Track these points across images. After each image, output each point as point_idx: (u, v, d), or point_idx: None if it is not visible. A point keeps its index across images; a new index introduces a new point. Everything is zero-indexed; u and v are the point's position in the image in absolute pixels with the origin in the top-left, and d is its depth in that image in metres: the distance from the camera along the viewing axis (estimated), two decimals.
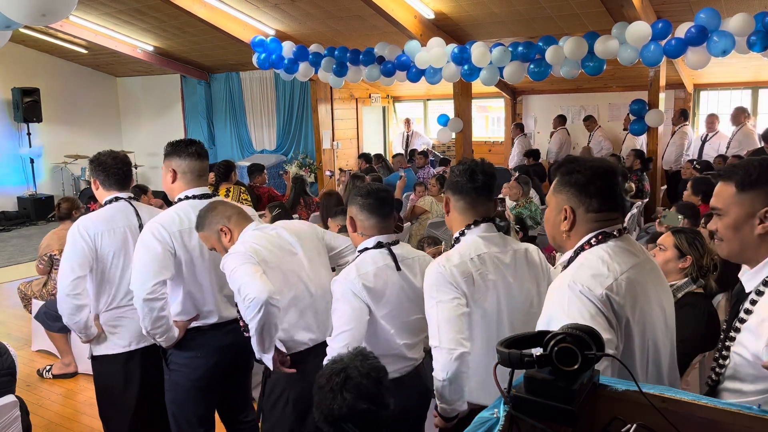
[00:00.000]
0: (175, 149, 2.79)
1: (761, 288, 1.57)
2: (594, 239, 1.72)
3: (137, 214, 2.98)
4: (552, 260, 4.76)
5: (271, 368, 2.47)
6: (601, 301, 1.58)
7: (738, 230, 1.60)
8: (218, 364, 2.80)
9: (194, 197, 2.77)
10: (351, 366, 1.82)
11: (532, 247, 2.28)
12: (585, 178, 1.73)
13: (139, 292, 2.56)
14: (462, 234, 2.16)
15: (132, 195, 3.09)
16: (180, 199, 2.78)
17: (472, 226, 2.15)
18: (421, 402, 2.47)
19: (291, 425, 2.51)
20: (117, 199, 3.01)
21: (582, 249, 1.73)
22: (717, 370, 1.65)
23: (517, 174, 7.45)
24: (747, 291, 1.62)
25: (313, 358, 2.49)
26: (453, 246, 2.17)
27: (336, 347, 2.20)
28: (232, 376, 2.93)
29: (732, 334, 1.60)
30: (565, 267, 1.76)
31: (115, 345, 2.99)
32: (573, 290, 1.61)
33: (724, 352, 1.63)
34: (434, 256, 3.01)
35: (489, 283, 2.08)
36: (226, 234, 2.52)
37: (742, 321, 1.58)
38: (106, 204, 3.01)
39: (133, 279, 2.61)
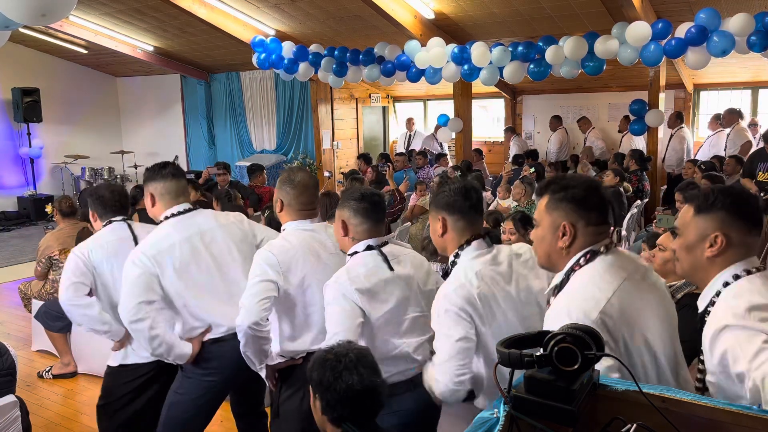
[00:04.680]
0: (151, 174, 2.82)
1: (709, 308, 1.62)
2: (582, 259, 1.74)
3: (131, 230, 3.05)
4: None
5: (266, 381, 2.59)
6: (597, 325, 1.61)
7: (690, 251, 1.66)
8: (230, 377, 2.79)
9: (174, 215, 2.78)
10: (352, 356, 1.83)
11: (524, 247, 2.28)
12: (582, 192, 1.75)
13: (124, 317, 2.61)
14: (457, 256, 2.15)
15: (125, 217, 3.13)
16: (161, 221, 2.79)
17: (465, 246, 2.14)
18: (431, 402, 2.47)
19: (304, 421, 2.48)
20: (110, 222, 3.08)
21: (572, 271, 1.75)
22: (699, 375, 1.68)
23: (532, 169, 7.46)
24: (699, 312, 1.66)
25: None
26: (451, 269, 2.16)
27: None
28: (246, 385, 2.92)
29: (701, 356, 1.64)
30: (555, 289, 1.78)
31: (138, 355, 2.99)
32: (570, 317, 1.62)
33: (700, 366, 1.67)
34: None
35: (496, 298, 2.08)
36: (278, 207, 2.62)
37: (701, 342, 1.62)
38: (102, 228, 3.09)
39: (119, 308, 2.65)
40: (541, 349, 1.27)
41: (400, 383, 2.33)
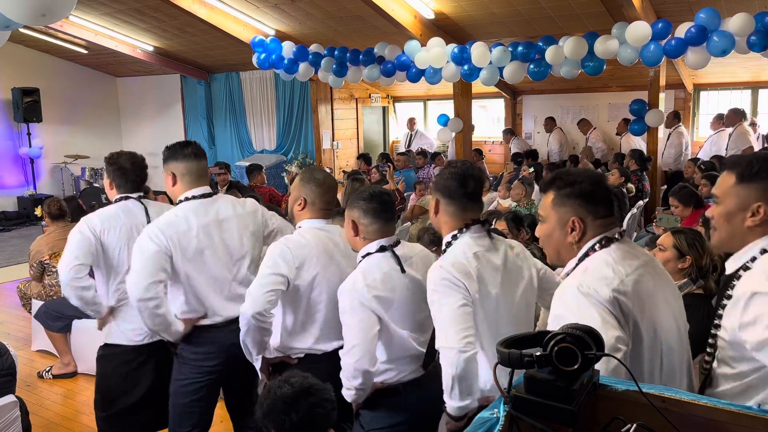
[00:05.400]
0: (172, 152, 2.78)
1: (740, 272, 1.61)
2: (597, 245, 1.74)
3: (146, 212, 3.01)
4: None
5: (260, 374, 2.60)
6: (609, 302, 1.60)
7: (729, 220, 1.64)
8: (225, 362, 2.80)
9: (194, 197, 2.76)
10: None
11: (515, 242, 2.32)
12: (589, 187, 1.75)
13: (133, 293, 2.60)
14: (454, 238, 2.17)
15: (142, 194, 3.09)
16: (180, 201, 2.77)
17: (464, 230, 2.16)
18: (437, 403, 2.49)
19: None
20: (126, 197, 3.03)
21: (586, 255, 1.74)
22: (708, 358, 1.68)
23: (531, 169, 7.46)
24: (727, 274, 1.66)
25: (326, 360, 2.53)
26: (445, 250, 2.18)
27: (350, 362, 2.23)
28: (238, 376, 2.92)
29: (716, 321, 1.64)
30: (567, 275, 1.77)
31: (123, 336, 3.00)
32: (581, 292, 1.63)
33: (710, 340, 1.67)
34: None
35: (487, 280, 2.10)
36: (300, 205, 2.61)
37: (723, 306, 1.62)
38: (115, 202, 3.05)
39: (128, 280, 2.64)
40: (541, 349, 1.27)
41: (409, 382, 2.36)
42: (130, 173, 3.03)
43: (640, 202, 7.11)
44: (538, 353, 1.26)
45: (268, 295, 2.42)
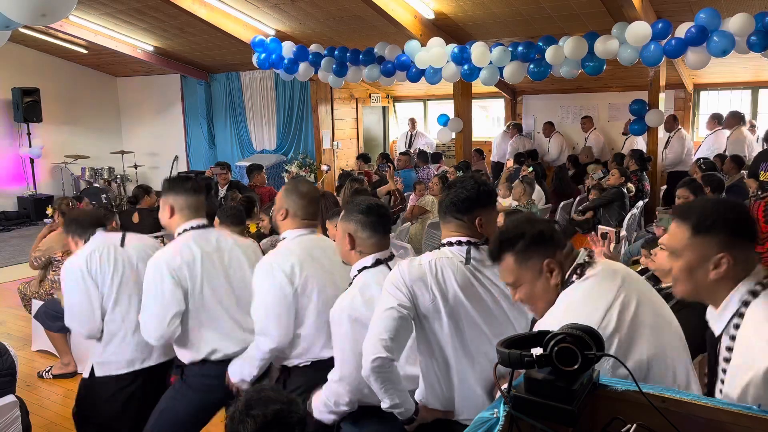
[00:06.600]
0: (172, 186, 2.84)
1: (732, 332, 1.52)
2: (574, 275, 1.74)
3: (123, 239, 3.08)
4: None
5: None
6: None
7: (692, 274, 1.55)
8: (228, 395, 2.77)
9: (193, 228, 2.80)
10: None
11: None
12: (551, 232, 1.79)
13: (158, 334, 2.69)
14: (443, 245, 2.13)
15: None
16: (180, 233, 2.81)
17: (454, 244, 2.09)
18: None
19: None
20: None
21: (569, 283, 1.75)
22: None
23: (530, 169, 7.46)
24: (716, 334, 1.57)
25: (315, 369, 2.53)
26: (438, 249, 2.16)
27: (337, 390, 2.21)
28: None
29: (720, 375, 1.56)
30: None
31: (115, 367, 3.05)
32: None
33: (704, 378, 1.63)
34: None
35: (449, 291, 2.02)
36: (282, 215, 2.64)
37: (724, 371, 1.53)
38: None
39: (155, 323, 2.69)
40: (541, 349, 1.27)
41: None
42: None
43: (640, 202, 7.11)
44: (538, 353, 1.27)
45: (289, 326, 2.47)
